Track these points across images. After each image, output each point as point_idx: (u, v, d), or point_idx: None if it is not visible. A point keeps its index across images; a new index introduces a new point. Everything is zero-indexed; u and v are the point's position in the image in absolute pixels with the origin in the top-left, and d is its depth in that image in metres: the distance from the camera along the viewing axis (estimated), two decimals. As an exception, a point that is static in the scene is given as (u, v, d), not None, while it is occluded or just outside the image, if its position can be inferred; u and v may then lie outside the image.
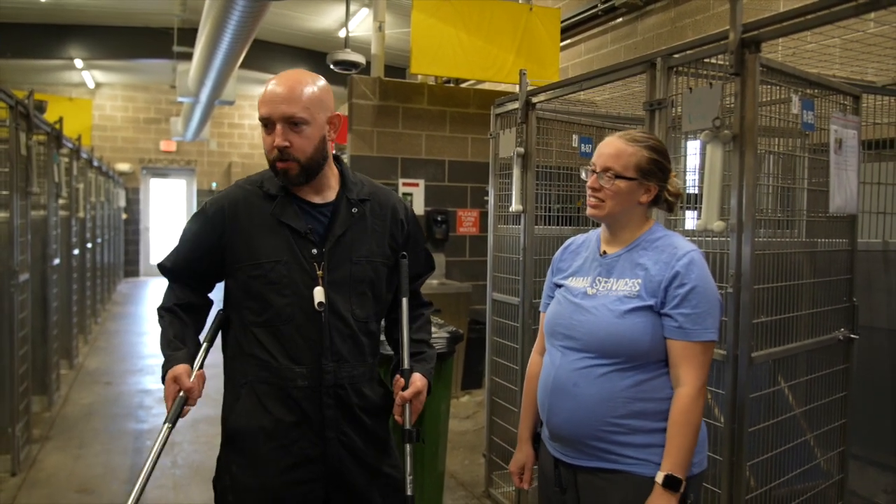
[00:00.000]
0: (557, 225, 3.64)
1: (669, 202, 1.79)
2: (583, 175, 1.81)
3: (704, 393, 1.65)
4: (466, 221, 5.96)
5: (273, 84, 1.67)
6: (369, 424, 1.75)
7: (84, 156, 7.48)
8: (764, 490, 2.30)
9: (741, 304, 2.13)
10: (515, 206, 3.33)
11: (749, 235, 2.12)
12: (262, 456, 1.67)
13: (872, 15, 3.81)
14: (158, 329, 1.80)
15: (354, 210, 1.77)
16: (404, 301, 1.81)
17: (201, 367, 1.72)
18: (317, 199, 1.75)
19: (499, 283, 3.62)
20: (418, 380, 1.75)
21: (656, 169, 1.72)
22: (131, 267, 15.01)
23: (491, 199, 3.66)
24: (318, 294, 1.66)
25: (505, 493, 3.56)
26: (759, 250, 2.21)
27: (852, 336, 2.66)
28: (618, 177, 1.70)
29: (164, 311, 1.80)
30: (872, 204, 3.10)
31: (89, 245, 7.82)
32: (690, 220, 2.53)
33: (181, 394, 1.64)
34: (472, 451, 4.30)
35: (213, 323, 1.83)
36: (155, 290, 13.01)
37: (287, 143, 1.64)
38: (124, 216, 14.17)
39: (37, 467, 3.99)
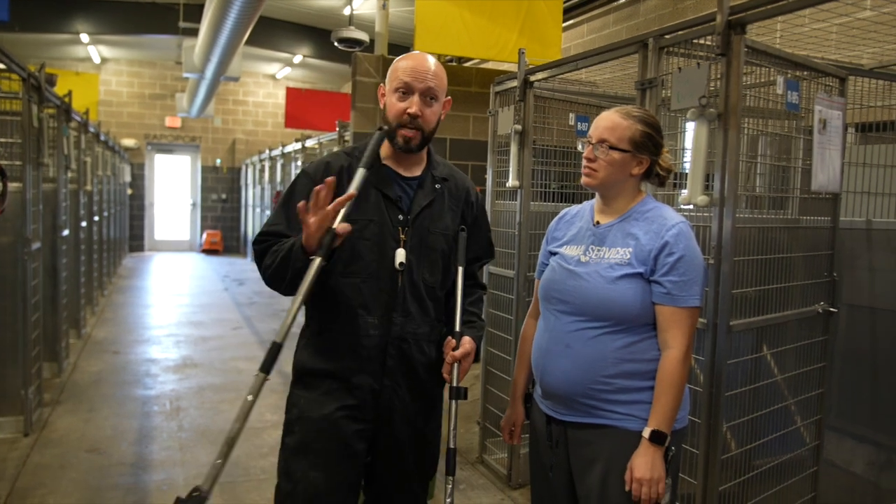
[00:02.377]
0: (554, 201, 3.74)
1: (661, 176, 1.88)
2: (579, 147, 1.91)
3: (690, 355, 1.76)
4: (467, 199, 6.05)
5: (416, 59, 1.84)
6: (423, 381, 1.90)
7: (91, 130, 7.57)
8: (741, 451, 2.43)
9: (721, 275, 2.24)
10: (512, 181, 3.43)
11: (731, 210, 2.23)
12: (326, 392, 1.84)
13: (868, 2, 3.88)
14: (271, 262, 1.79)
15: (437, 186, 1.94)
16: (460, 270, 1.95)
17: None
18: (406, 173, 1.91)
19: (495, 257, 3.72)
20: (468, 342, 1.88)
21: (649, 143, 1.82)
22: (136, 242, 15.16)
23: (489, 175, 3.76)
24: (400, 255, 1.83)
25: (497, 458, 3.70)
26: (741, 225, 2.31)
27: (831, 310, 2.77)
28: (612, 148, 1.80)
29: (276, 248, 1.80)
30: (861, 185, 3.20)
31: (96, 218, 7.93)
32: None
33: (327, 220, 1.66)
34: (468, 420, 4.43)
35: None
36: (159, 264, 13.16)
37: (420, 113, 1.82)
38: (129, 191, 14.28)
39: (49, 428, 4.14)
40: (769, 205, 2.91)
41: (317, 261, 1.66)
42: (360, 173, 1.76)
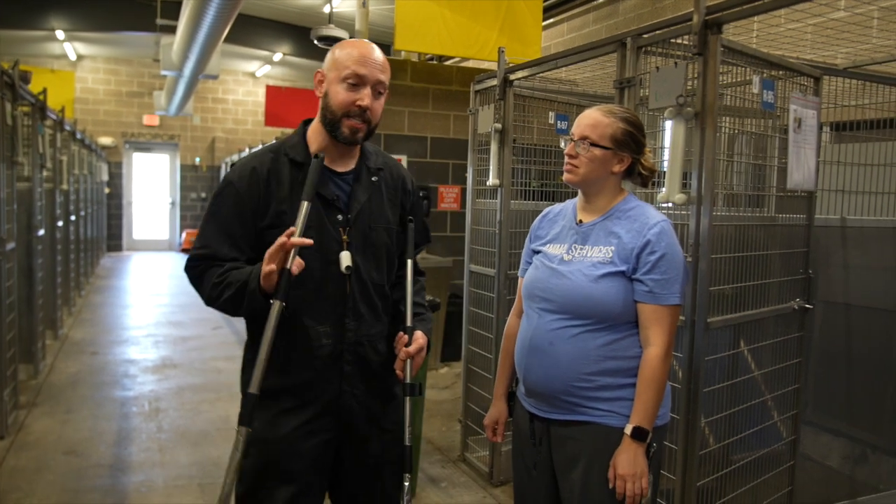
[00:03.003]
0: (534, 200, 3.75)
1: (644, 176, 1.89)
2: (562, 144, 1.92)
3: (671, 353, 1.78)
4: (448, 197, 6.06)
5: (364, 48, 1.75)
6: (379, 378, 1.86)
7: (67, 128, 7.47)
8: (719, 446, 2.45)
9: (699, 273, 2.26)
10: (492, 180, 3.44)
11: (707, 208, 2.25)
12: (281, 411, 1.76)
13: (843, 3, 3.93)
14: (219, 295, 1.71)
15: (374, 179, 1.86)
16: (409, 263, 1.89)
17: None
18: (339, 168, 1.82)
19: (476, 256, 3.73)
20: (420, 337, 1.84)
21: (630, 140, 1.83)
22: (114, 241, 14.98)
23: (469, 174, 3.77)
24: (346, 258, 1.74)
25: (479, 456, 3.71)
26: (718, 223, 2.34)
27: (807, 306, 2.81)
28: (593, 145, 1.81)
29: (218, 280, 1.71)
30: (836, 183, 3.24)
31: (73, 218, 7.83)
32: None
33: (288, 261, 1.60)
34: (449, 418, 4.44)
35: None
36: (137, 264, 13.02)
37: (369, 105, 1.74)
38: (107, 190, 14.11)
39: (25, 431, 4.08)
40: (746, 203, 2.94)
41: (277, 304, 1.59)
42: (304, 207, 1.64)
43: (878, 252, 3.27)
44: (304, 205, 1.64)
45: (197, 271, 1.76)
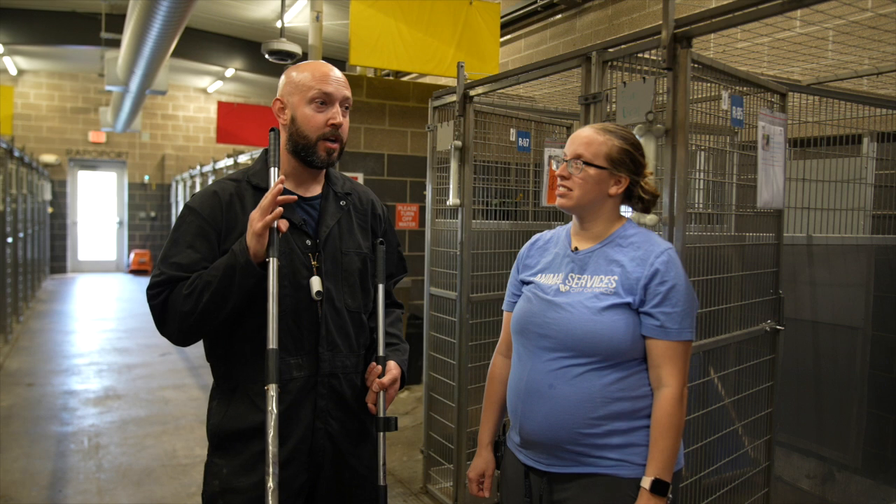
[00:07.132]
0: (495, 219, 3.63)
1: (645, 200, 1.73)
2: (554, 166, 1.77)
3: (686, 393, 1.62)
4: (406, 216, 5.91)
5: (323, 67, 1.70)
6: (355, 417, 1.74)
7: (4, 146, 7.11)
8: (695, 479, 2.34)
9: (673, 297, 2.15)
10: (453, 199, 3.30)
11: (680, 229, 2.15)
12: (254, 455, 1.64)
13: (798, 16, 3.94)
14: (201, 298, 1.58)
15: (342, 203, 1.78)
16: (381, 287, 1.79)
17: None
18: (306, 193, 1.74)
19: (436, 278, 3.59)
20: (394, 367, 1.74)
21: (627, 160, 1.68)
22: (58, 263, 14.41)
23: (428, 192, 3.63)
24: (316, 283, 1.66)
25: (442, 488, 3.54)
26: (690, 244, 2.24)
27: (778, 327, 2.73)
28: (587, 164, 1.66)
29: (189, 290, 1.59)
30: (798, 200, 3.20)
31: (10, 240, 7.44)
32: (625, 213, 2.55)
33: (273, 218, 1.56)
34: (411, 447, 4.26)
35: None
36: (83, 287, 12.50)
37: (342, 122, 1.69)
38: (50, 210, 13.58)
39: (-52, 475, 3.77)
40: (708, 221, 2.86)
41: (273, 261, 1.54)
42: (272, 172, 1.62)
43: (842, 269, 3.23)
44: (273, 170, 1.62)
45: (160, 299, 1.62)
